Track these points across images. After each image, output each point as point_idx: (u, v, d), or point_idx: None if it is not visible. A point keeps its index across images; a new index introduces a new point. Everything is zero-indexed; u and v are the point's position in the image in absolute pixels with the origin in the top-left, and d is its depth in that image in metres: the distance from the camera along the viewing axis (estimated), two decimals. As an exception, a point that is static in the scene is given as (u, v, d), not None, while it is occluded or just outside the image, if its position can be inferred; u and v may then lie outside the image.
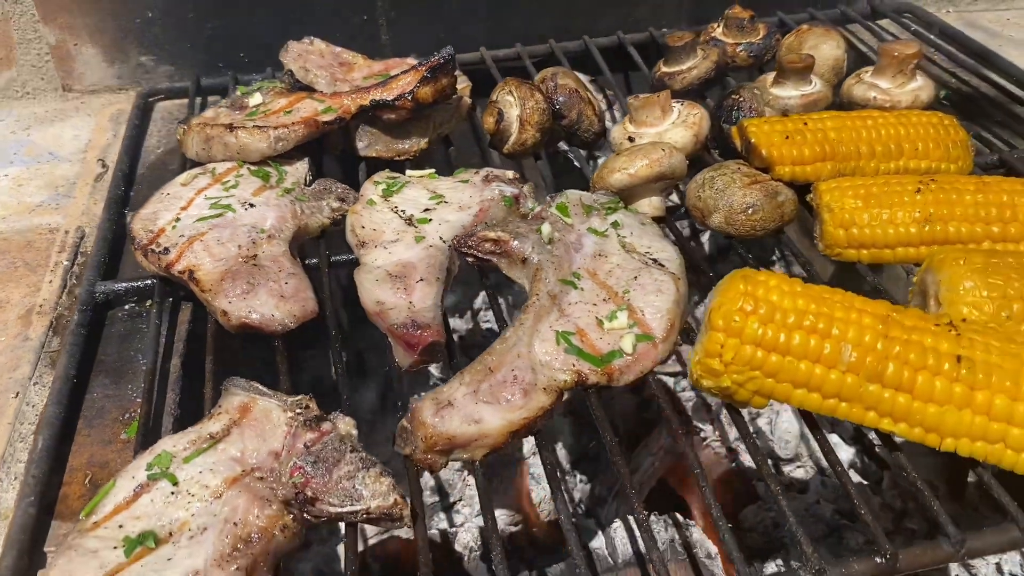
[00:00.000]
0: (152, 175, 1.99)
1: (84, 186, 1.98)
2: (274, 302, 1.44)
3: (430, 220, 1.61)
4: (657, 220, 1.69)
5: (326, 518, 1.10)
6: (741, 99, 1.85)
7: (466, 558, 1.82)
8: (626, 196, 1.67)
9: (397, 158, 1.92)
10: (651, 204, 1.67)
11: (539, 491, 2.13)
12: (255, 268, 1.49)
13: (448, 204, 1.66)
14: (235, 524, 1.06)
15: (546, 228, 1.50)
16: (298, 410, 1.18)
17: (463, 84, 2.10)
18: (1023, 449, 1.13)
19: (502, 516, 2.04)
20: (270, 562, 1.07)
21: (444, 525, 2.00)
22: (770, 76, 1.96)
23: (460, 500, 2.09)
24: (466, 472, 2.12)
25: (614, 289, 1.42)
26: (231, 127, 1.74)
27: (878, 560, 1.12)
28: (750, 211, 1.58)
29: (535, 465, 2.18)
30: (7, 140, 2.17)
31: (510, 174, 1.76)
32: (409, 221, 1.61)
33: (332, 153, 2.00)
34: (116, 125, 2.20)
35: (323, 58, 2.18)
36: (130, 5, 2.22)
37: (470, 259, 1.53)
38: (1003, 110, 2.08)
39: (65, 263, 1.72)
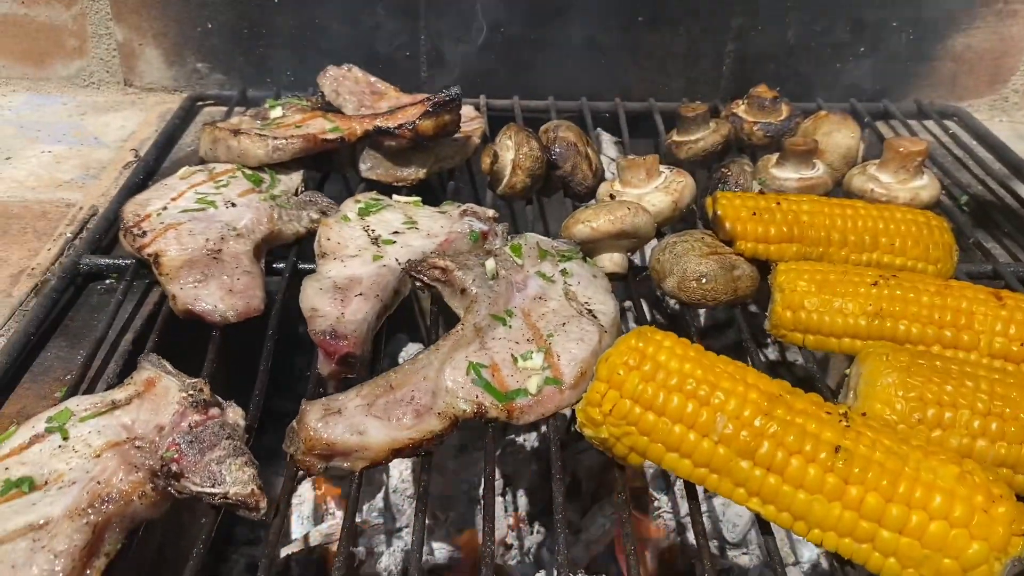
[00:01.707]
0: (175, 169, 2.11)
1: (112, 171, 2.13)
2: (220, 294, 1.51)
3: (394, 243, 1.67)
4: (618, 277, 1.70)
5: (188, 495, 1.15)
6: (729, 173, 1.86)
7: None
8: (590, 248, 1.69)
9: (395, 183, 1.99)
10: (612, 259, 1.68)
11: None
12: (214, 261, 1.57)
13: (418, 231, 1.72)
14: (99, 483, 1.12)
15: (490, 264, 1.54)
16: (191, 392, 1.24)
17: (476, 125, 2.18)
18: (891, 554, 1.08)
19: (442, 550, 2.04)
20: (124, 525, 1.12)
21: (382, 548, 2.02)
22: (774, 157, 1.96)
23: (408, 526, 2.10)
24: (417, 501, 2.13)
25: (541, 331, 1.43)
26: (236, 132, 1.86)
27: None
28: (703, 280, 1.57)
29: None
30: (62, 122, 2.36)
31: (490, 212, 1.81)
32: (375, 241, 1.67)
33: (339, 172, 2.10)
34: (161, 122, 2.36)
35: (357, 84, 2.29)
36: (193, 15, 2.40)
37: (418, 283, 1.58)
38: (1018, 223, 2.01)
39: (68, 235, 1.86)
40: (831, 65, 2.53)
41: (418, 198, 1.85)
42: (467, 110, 2.28)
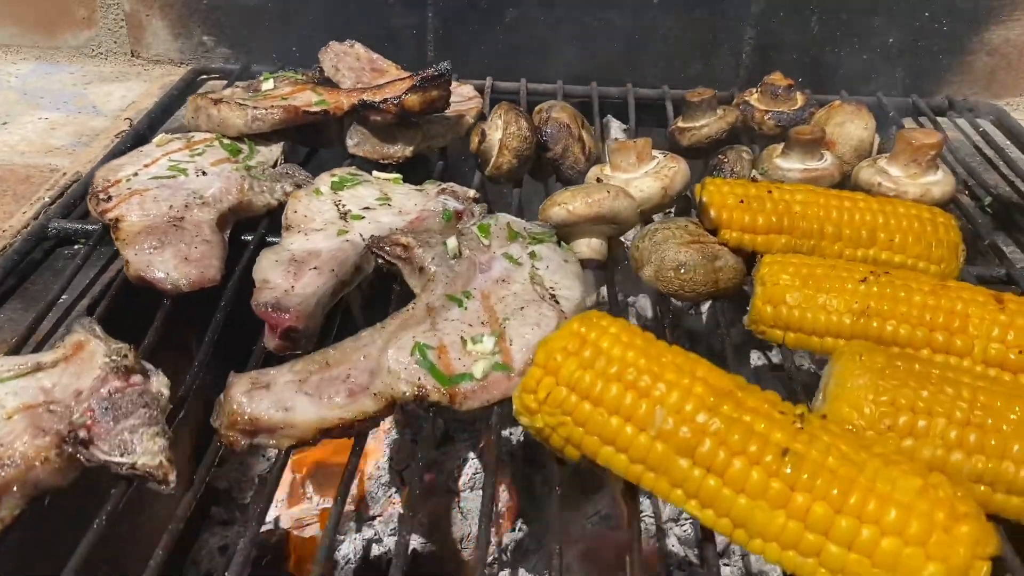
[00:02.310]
0: (166, 140, 2.09)
1: (105, 139, 2.11)
2: (175, 263, 1.46)
3: (363, 218, 1.61)
4: (596, 264, 1.62)
5: (95, 463, 1.10)
6: (725, 160, 1.75)
7: (341, 566, 1.77)
8: (568, 232, 1.60)
9: (382, 160, 1.93)
10: (589, 245, 1.60)
11: (464, 527, 2.06)
12: (174, 229, 1.53)
13: (390, 207, 1.65)
14: (2, 445, 1.07)
15: (451, 242, 1.46)
16: (115, 357, 1.18)
17: (472, 105, 2.10)
18: (838, 572, 0.97)
19: (416, 542, 1.98)
20: (25, 491, 1.07)
21: (354, 535, 1.96)
22: (780, 146, 1.85)
23: (380, 516, 2.04)
24: (393, 490, 2.07)
25: (497, 315, 1.36)
26: (217, 101, 1.82)
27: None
28: (681, 270, 1.48)
29: (468, 500, 2.11)
30: (65, 90, 2.36)
31: (471, 193, 1.74)
32: (344, 216, 1.61)
33: (328, 147, 2.04)
34: (162, 93, 2.34)
35: (358, 61, 2.24)
36: (199, -14, 2.38)
37: (380, 260, 1.51)
38: (1044, 227, 1.86)
39: (46, 199, 1.84)
40: (857, 57, 2.39)
41: (399, 175, 1.79)
42: (466, 89, 2.22)
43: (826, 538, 0.98)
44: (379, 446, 2.10)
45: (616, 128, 2.39)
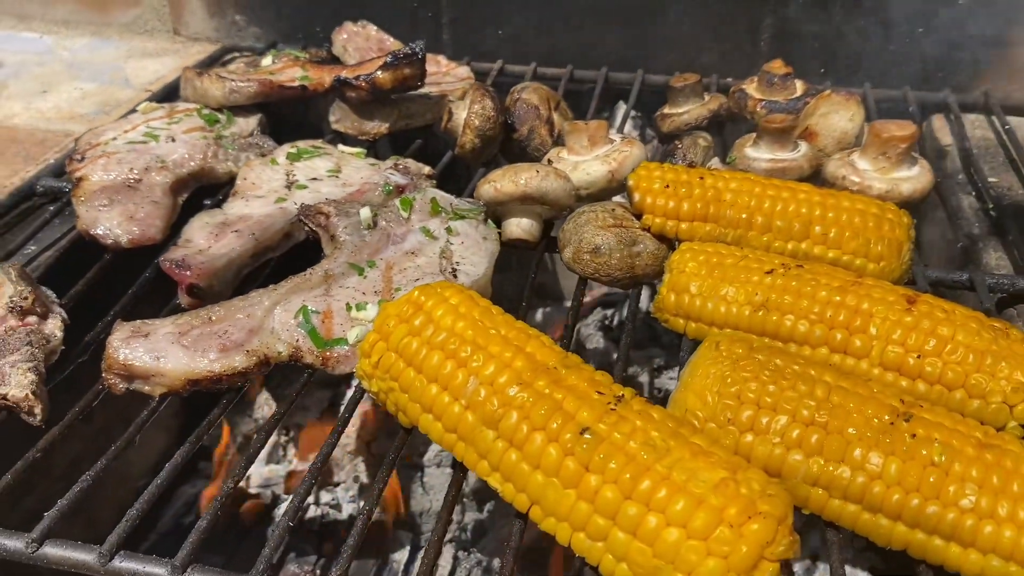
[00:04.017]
0: (178, 111, 2.22)
1: (125, 109, 2.25)
2: (119, 220, 1.56)
3: (306, 188, 1.66)
4: (526, 244, 1.61)
5: (-22, 392, 1.20)
6: (679, 146, 1.70)
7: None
8: (501, 211, 1.60)
9: (360, 136, 1.99)
10: (519, 225, 1.59)
11: (424, 502, 2.10)
12: (129, 189, 1.63)
13: (337, 179, 1.70)
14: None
15: (364, 212, 1.49)
16: (16, 299, 1.28)
17: (459, 85, 2.12)
18: (622, 558, 0.94)
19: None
20: None
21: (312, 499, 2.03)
22: (753, 136, 1.77)
23: (343, 483, 2.10)
24: (360, 459, 2.13)
25: (393, 285, 1.38)
26: (200, 73, 1.91)
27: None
28: (597, 252, 1.45)
29: (433, 475, 2.15)
30: (107, 64, 2.53)
31: (425, 169, 1.76)
32: (290, 185, 1.67)
33: (316, 124, 2.11)
34: (192, 68, 2.48)
35: (367, 42, 2.31)
36: (232, -33, 2.50)
37: (307, 228, 1.56)
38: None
39: (52, 161, 1.99)
40: (884, 47, 2.25)
41: (362, 150, 1.83)
42: (462, 71, 2.24)
43: (613, 523, 0.95)
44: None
45: (623, 114, 2.35)
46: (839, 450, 1.02)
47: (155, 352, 1.24)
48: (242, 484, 2.03)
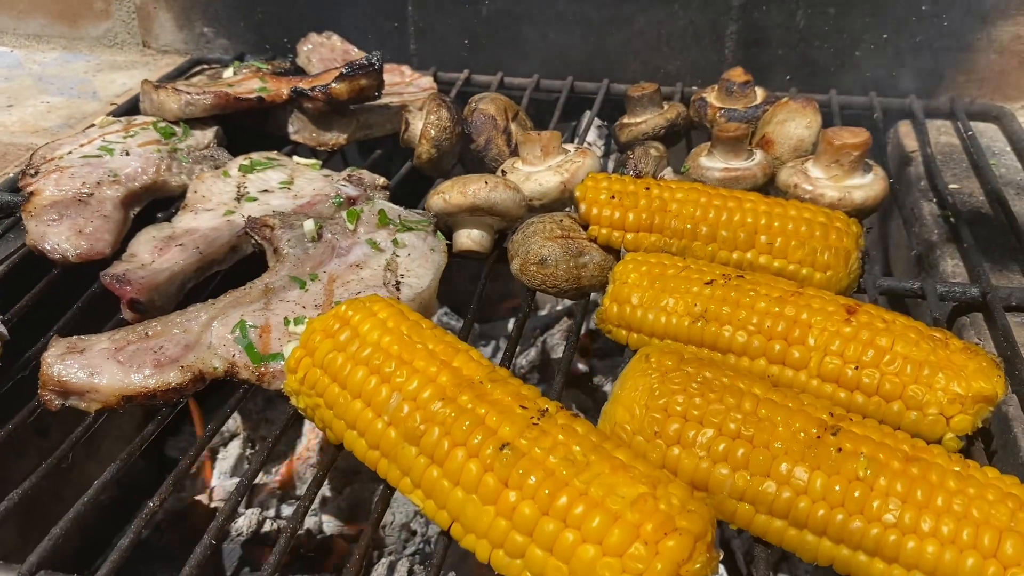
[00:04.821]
0: (143, 124, 2.22)
1: (89, 122, 2.25)
2: (68, 235, 1.56)
3: (256, 200, 1.65)
4: (476, 256, 1.60)
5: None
6: (631, 156, 1.69)
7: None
8: (452, 223, 1.60)
9: (319, 147, 1.98)
10: (469, 236, 1.58)
11: (388, 515, 2.08)
12: (79, 204, 1.62)
13: (289, 191, 1.69)
14: None
15: (308, 225, 1.48)
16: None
17: (421, 96, 2.12)
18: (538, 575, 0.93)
19: (329, 523, 2.02)
20: None
21: (270, 512, 2.02)
22: (708, 145, 1.77)
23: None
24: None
25: (335, 299, 1.37)
26: (157, 87, 1.91)
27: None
28: (543, 263, 1.45)
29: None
30: (76, 77, 2.53)
31: (380, 180, 1.76)
32: (240, 198, 1.66)
33: (276, 135, 2.11)
34: (159, 81, 2.47)
35: (332, 52, 2.30)
36: (198, -20, 2.50)
37: (253, 241, 1.55)
38: (1000, 240, 1.70)
39: (11, 175, 1.98)
40: (848, 53, 2.25)
41: (318, 161, 1.83)
42: (425, 81, 2.24)
43: (531, 539, 0.94)
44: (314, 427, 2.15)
45: (592, 124, 2.35)
46: (765, 464, 1.01)
47: (90, 368, 1.23)
48: (202, 498, 2.02)
